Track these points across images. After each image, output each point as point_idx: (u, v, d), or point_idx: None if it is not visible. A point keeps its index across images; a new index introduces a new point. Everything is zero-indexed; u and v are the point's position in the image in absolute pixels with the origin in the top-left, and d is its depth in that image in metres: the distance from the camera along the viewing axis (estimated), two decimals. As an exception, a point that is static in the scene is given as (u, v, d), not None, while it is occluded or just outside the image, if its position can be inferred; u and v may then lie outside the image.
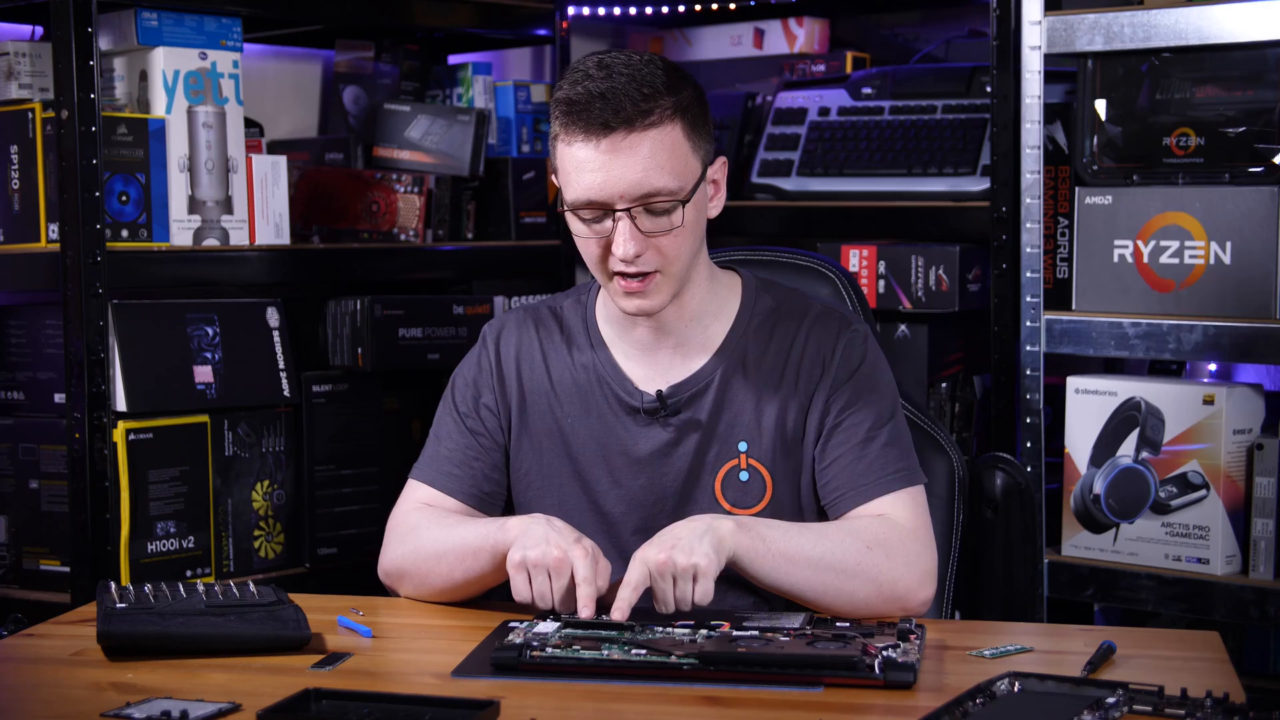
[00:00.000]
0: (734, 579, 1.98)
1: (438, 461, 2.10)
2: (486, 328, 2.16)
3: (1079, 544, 2.80)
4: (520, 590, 1.86)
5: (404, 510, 2.10)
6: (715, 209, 2.03)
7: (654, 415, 2.04)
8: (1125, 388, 2.75)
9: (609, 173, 1.91)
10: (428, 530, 2.03)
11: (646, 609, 1.90)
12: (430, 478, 2.10)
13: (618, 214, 1.92)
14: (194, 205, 2.74)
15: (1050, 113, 2.84)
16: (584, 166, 1.92)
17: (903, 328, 3.05)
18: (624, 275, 1.95)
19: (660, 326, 2.03)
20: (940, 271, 2.98)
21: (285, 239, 2.86)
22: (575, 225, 1.97)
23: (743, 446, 2.03)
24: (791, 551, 1.90)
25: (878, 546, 1.92)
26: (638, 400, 2.04)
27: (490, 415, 2.10)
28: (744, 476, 2.03)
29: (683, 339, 2.04)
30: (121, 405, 2.61)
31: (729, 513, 2.02)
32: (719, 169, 2.03)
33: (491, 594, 2.08)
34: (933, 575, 1.95)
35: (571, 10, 3.45)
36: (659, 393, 2.03)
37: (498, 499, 2.11)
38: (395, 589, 2.07)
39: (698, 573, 1.81)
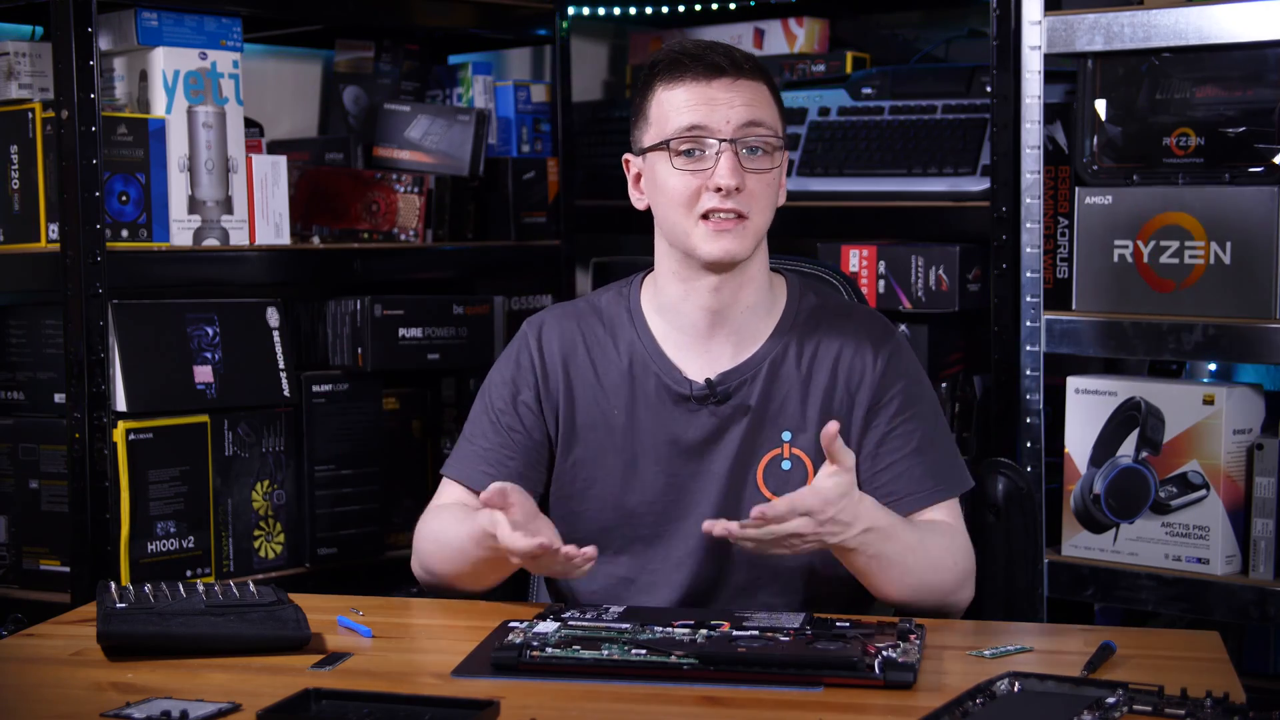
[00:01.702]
0: (773, 575, 2.01)
1: (472, 460, 2.12)
2: (526, 325, 2.18)
3: (1079, 544, 2.80)
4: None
5: (430, 508, 2.13)
6: (780, 197, 2.10)
7: (704, 402, 2.06)
8: (1125, 388, 2.75)
9: (716, 102, 2.00)
10: (435, 523, 2.08)
11: (645, 609, 1.91)
12: (464, 475, 2.11)
13: (722, 145, 1.98)
14: (194, 205, 2.74)
15: (1050, 113, 2.84)
16: (690, 101, 2.01)
17: (903, 328, 3.05)
18: (717, 214, 1.99)
19: (717, 311, 2.06)
20: (940, 271, 2.98)
21: (285, 239, 2.86)
22: (671, 163, 2.02)
23: (786, 436, 2.06)
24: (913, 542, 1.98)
25: (961, 554, 2.04)
26: (686, 388, 2.06)
27: (529, 412, 2.11)
28: (786, 465, 2.06)
29: (736, 327, 2.08)
30: (121, 405, 2.61)
31: (767, 500, 2.04)
32: (785, 159, 2.10)
33: (491, 594, 2.08)
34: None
35: (571, 10, 3.45)
36: (708, 380, 2.05)
37: (533, 496, 2.12)
38: (428, 584, 2.09)
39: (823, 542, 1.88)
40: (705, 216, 2.00)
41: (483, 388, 2.17)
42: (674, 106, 2.01)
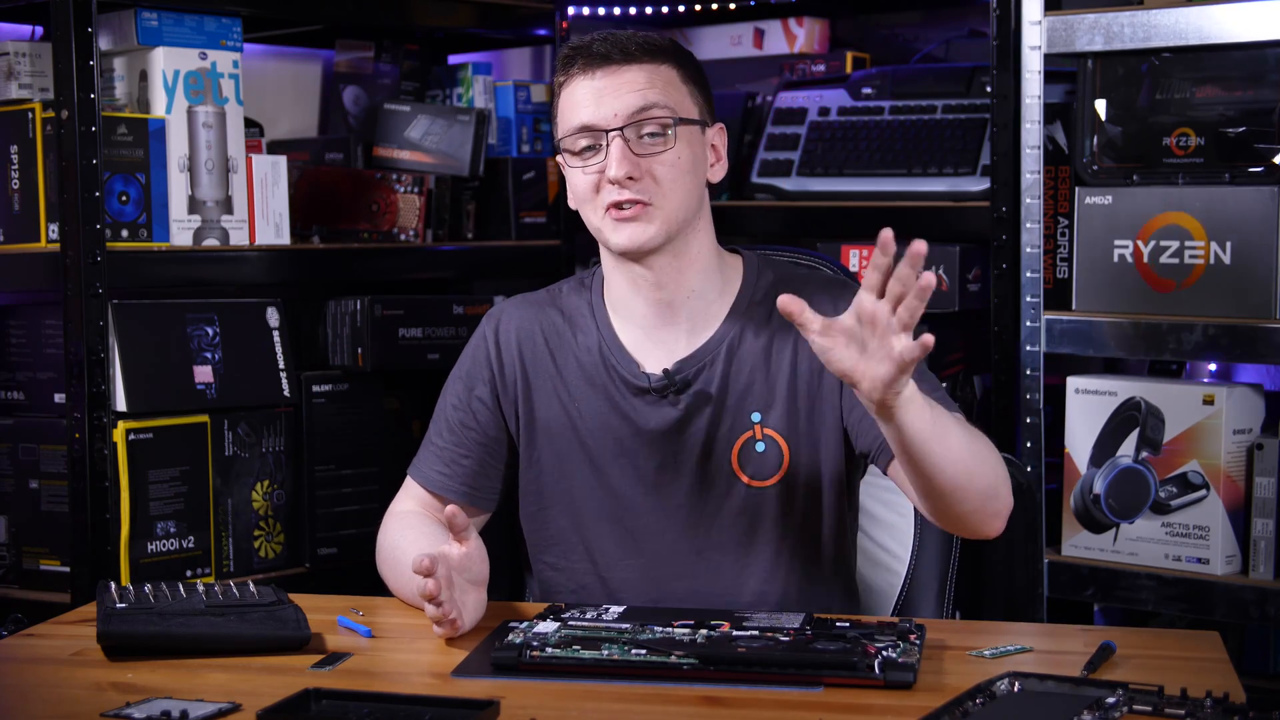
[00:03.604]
0: (757, 565, 1.99)
1: (429, 460, 2.13)
2: (485, 318, 2.16)
3: (1079, 544, 2.80)
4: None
5: (391, 510, 2.14)
6: (716, 174, 2.05)
7: (662, 393, 2.03)
8: (1125, 388, 2.75)
9: (602, 95, 1.96)
10: (390, 536, 2.08)
11: (646, 609, 1.91)
12: (422, 476, 2.12)
13: (610, 135, 1.95)
14: (194, 205, 2.74)
15: (1050, 113, 2.84)
16: (580, 98, 1.97)
17: (903, 328, 3.05)
18: (618, 205, 1.95)
19: (665, 300, 2.02)
20: (940, 271, 2.98)
21: (285, 239, 2.86)
22: (569, 162, 1.99)
23: (756, 417, 2.03)
24: (952, 425, 1.84)
25: (991, 447, 1.90)
26: (644, 380, 2.03)
27: (483, 408, 2.10)
28: (760, 447, 2.03)
29: (688, 314, 2.04)
30: (121, 405, 2.61)
31: (748, 486, 2.03)
32: (718, 134, 2.06)
33: (491, 594, 2.08)
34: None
35: (571, 10, 3.45)
36: (665, 370, 2.03)
37: (491, 492, 2.12)
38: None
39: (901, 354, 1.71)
40: (612, 208, 1.97)
41: (445, 385, 2.16)
42: (569, 105, 1.99)
